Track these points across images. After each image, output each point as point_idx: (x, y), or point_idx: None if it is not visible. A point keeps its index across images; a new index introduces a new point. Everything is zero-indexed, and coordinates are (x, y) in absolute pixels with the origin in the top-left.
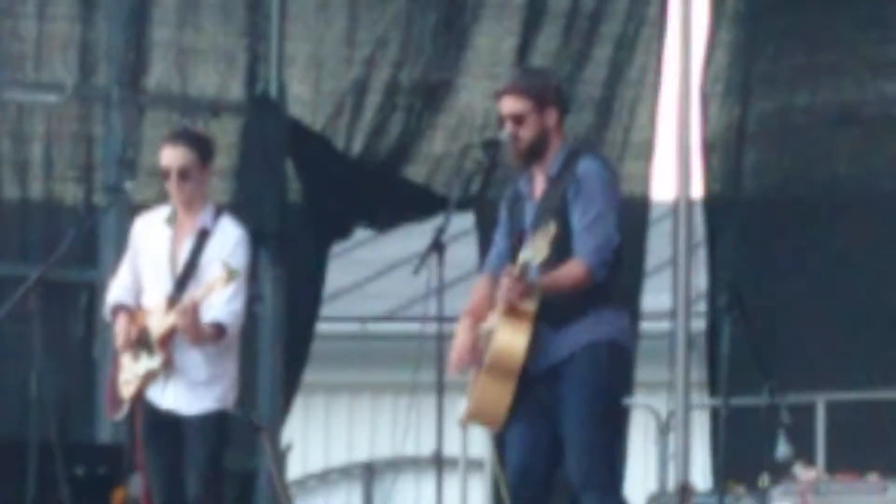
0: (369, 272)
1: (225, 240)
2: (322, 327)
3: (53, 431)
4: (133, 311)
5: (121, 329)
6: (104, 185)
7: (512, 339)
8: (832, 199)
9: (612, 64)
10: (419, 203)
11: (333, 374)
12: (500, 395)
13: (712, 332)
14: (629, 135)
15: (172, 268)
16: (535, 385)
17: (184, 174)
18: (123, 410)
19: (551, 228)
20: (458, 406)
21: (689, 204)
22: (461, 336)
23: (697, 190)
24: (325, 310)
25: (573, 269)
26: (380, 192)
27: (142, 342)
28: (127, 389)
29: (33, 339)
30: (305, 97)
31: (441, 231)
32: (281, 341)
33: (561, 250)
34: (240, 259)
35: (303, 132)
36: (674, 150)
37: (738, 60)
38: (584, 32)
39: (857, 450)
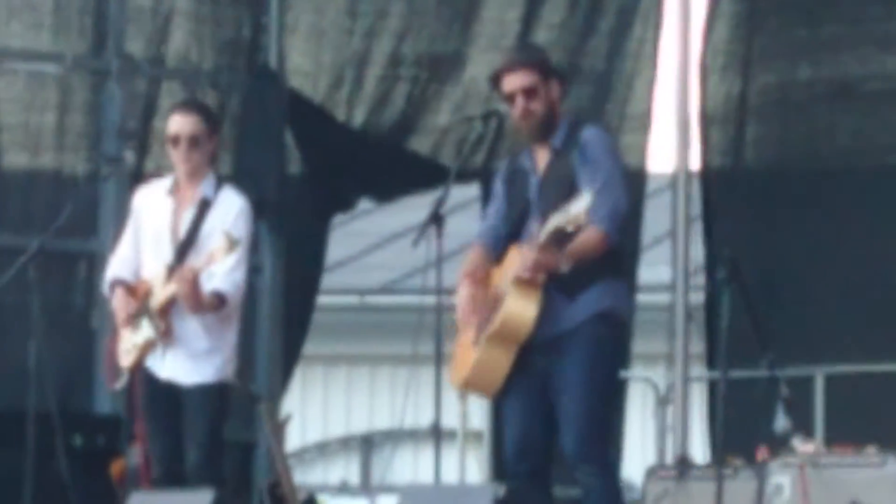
0: (368, 244)
1: (226, 210)
2: (321, 299)
3: (52, 402)
4: (131, 286)
5: (119, 304)
6: (104, 156)
7: (523, 308)
8: (833, 172)
9: (613, 36)
10: (425, 175)
11: (332, 346)
12: (500, 363)
13: (711, 305)
14: (627, 107)
15: (173, 237)
16: (533, 354)
17: (194, 141)
18: (123, 380)
19: (585, 199)
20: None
21: (689, 176)
22: (465, 293)
23: (696, 162)
24: (324, 281)
25: (591, 238)
26: (384, 164)
27: (142, 311)
28: (126, 359)
29: (32, 309)
30: (306, 68)
31: (440, 203)
32: (280, 313)
33: None
34: (241, 229)
35: (302, 103)
36: (673, 122)
37: (739, 33)
38: (589, 4)
39: (856, 423)
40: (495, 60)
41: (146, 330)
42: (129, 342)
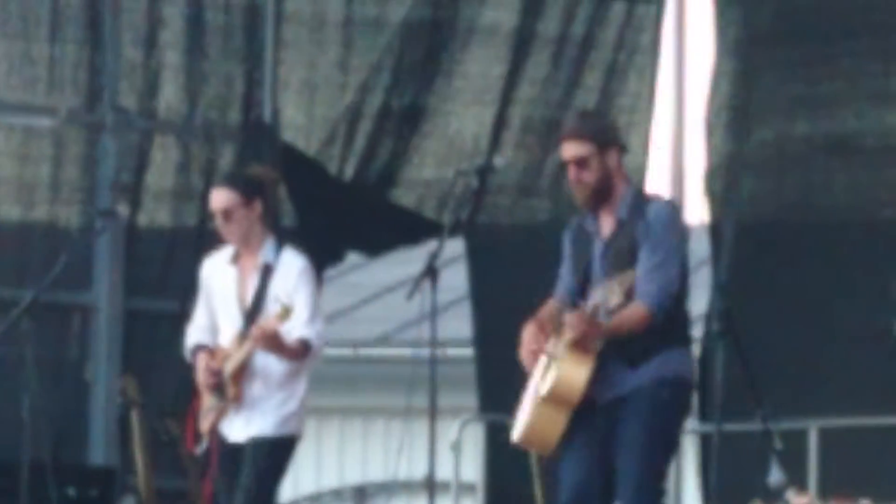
0: (362, 296)
1: (288, 272)
2: None
3: (46, 453)
4: (211, 350)
5: (201, 371)
6: (98, 209)
7: (574, 373)
8: (829, 226)
9: (604, 91)
10: (409, 228)
11: (325, 398)
12: (555, 424)
13: (705, 358)
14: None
15: (241, 305)
16: (597, 416)
17: (227, 215)
18: (203, 444)
19: (629, 276)
20: (450, 430)
21: None
22: (528, 336)
23: (692, 216)
24: None
25: (635, 314)
26: (371, 217)
27: (218, 383)
28: (204, 423)
29: (26, 361)
30: (299, 122)
31: (435, 256)
32: None
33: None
34: (305, 289)
35: (296, 157)
36: (668, 175)
37: (737, 89)
38: (574, 59)
39: (850, 476)
40: (479, 114)
41: (220, 397)
42: (206, 406)
